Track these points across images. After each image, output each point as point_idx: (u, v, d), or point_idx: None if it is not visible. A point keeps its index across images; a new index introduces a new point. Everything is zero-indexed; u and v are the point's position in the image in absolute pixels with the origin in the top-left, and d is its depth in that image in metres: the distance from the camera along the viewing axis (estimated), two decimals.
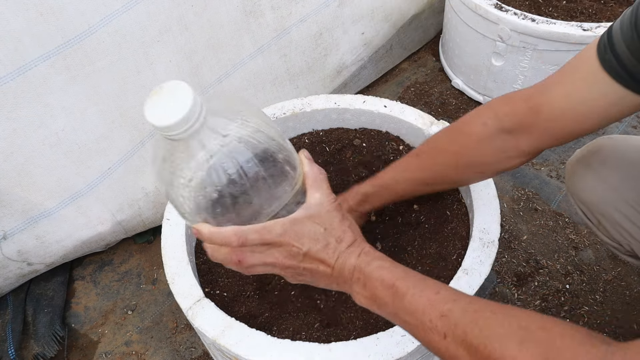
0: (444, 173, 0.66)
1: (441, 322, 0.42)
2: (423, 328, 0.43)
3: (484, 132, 0.59)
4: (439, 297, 0.44)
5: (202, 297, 0.66)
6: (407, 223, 0.80)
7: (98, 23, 0.78)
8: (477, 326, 0.40)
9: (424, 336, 0.44)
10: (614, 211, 0.67)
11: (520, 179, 1.15)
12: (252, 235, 0.47)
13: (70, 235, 0.95)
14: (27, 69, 0.74)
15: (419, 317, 0.44)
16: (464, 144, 0.62)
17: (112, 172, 0.92)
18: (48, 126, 0.81)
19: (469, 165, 0.63)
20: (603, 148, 0.70)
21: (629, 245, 0.69)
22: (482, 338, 0.39)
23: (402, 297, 0.45)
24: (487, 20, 1.14)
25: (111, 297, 1.03)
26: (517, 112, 0.56)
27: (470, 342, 0.40)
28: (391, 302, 0.46)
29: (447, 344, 0.41)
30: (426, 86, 1.41)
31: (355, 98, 0.91)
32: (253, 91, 1.09)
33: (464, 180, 0.71)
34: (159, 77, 0.89)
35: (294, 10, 1.05)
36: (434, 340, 0.43)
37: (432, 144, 0.68)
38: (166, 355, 0.94)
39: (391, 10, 1.29)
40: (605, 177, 0.67)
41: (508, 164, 0.60)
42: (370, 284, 0.47)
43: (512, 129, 0.57)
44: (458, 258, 0.71)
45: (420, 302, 0.44)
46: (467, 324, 0.40)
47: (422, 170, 0.68)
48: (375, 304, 0.48)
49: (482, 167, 0.63)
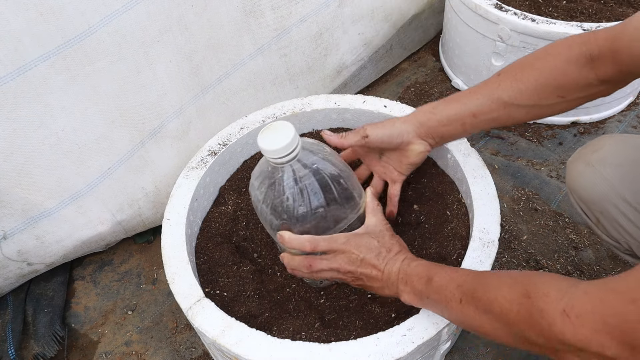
0: (523, 91, 0.63)
1: (458, 290, 0.53)
2: (445, 299, 0.54)
3: (569, 54, 0.60)
4: (457, 274, 0.55)
5: (202, 297, 0.66)
6: (407, 223, 0.80)
7: (98, 23, 0.78)
8: (481, 284, 0.51)
9: (446, 307, 0.54)
10: (612, 209, 0.68)
11: (520, 179, 1.15)
12: (322, 242, 0.63)
13: (70, 235, 0.95)
14: (27, 69, 0.74)
15: (442, 292, 0.55)
16: (550, 61, 0.62)
17: (112, 172, 0.92)
18: (48, 126, 0.81)
19: (550, 85, 0.62)
20: (604, 146, 0.70)
21: (627, 243, 0.69)
22: (483, 292, 0.50)
23: (431, 281, 0.56)
24: (487, 20, 1.14)
25: (111, 297, 1.03)
26: (598, 39, 0.58)
27: (477, 297, 0.50)
28: (425, 289, 0.57)
29: (462, 307, 0.52)
30: (426, 86, 1.41)
31: (355, 98, 0.91)
32: (253, 91, 1.10)
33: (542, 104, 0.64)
34: (159, 77, 0.89)
35: (294, 10, 1.05)
36: (453, 308, 0.53)
37: (516, 64, 0.65)
38: (166, 355, 0.94)
39: (391, 10, 1.29)
40: (605, 175, 0.68)
41: (590, 90, 0.61)
42: (410, 280, 0.58)
43: (593, 55, 0.58)
44: (458, 258, 0.71)
45: (444, 280, 0.55)
46: (475, 285, 0.51)
47: (501, 86, 0.64)
48: (416, 297, 0.59)
49: (563, 90, 0.61)
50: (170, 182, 0.99)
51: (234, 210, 0.84)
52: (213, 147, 0.86)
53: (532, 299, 0.44)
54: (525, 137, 1.24)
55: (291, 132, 0.57)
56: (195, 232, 0.81)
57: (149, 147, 0.95)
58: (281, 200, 0.61)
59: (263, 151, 0.57)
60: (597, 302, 0.39)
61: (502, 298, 0.47)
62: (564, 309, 0.40)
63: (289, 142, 0.56)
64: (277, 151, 0.56)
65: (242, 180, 0.88)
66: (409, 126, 0.70)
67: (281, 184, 0.60)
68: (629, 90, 1.23)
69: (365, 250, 0.62)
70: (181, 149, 1.00)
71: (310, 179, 0.61)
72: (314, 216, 0.62)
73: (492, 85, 0.65)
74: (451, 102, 0.68)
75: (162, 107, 0.93)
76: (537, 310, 0.43)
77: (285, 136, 0.56)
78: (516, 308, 0.45)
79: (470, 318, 0.51)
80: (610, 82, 0.60)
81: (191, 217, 0.78)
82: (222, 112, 1.05)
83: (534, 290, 0.44)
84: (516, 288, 0.46)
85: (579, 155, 0.73)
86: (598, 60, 0.58)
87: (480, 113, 0.66)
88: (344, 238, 0.63)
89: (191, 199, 0.78)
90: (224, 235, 0.81)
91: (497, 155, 1.20)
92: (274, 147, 0.56)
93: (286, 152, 0.57)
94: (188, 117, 0.98)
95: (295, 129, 0.58)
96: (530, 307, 0.44)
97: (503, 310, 0.47)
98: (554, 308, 0.41)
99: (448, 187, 0.82)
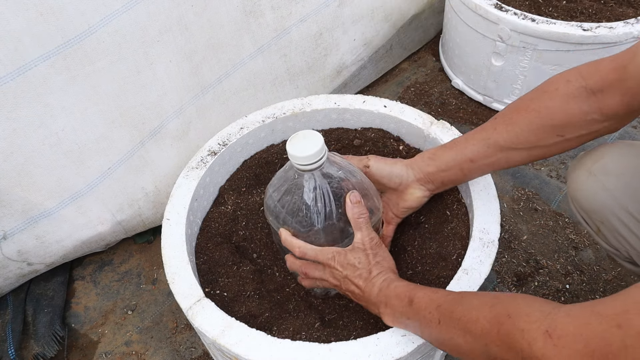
0: (519, 134, 0.62)
1: (437, 311, 0.52)
2: (425, 321, 0.53)
3: (567, 89, 0.58)
4: (437, 295, 0.54)
5: (202, 297, 0.66)
6: (407, 223, 0.80)
7: (98, 23, 0.78)
8: (461, 305, 0.50)
9: (427, 328, 0.53)
10: (614, 219, 0.67)
11: (520, 179, 1.15)
12: (310, 251, 0.64)
13: (70, 235, 0.95)
14: (27, 69, 0.74)
15: (422, 313, 0.54)
16: (546, 100, 0.60)
17: (112, 172, 0.92)
18: (48, 126, 0.81)
19: (550, 126, 0.60)
20: (605, 155, 0.68)
21: (627, 252, 0.69)
22: (463, 312, 0.49)
23: (411, 303, 0.55)
24: (487, 20, 1.14)
25: (111, 297, 1.03)
26: (601, 70, 0.56)
27: (455, 317, 0.49)
28: (405, 310, 0.56)
29: (440, 327, 0.51)
30: (426, 86, 1.41)
31: (355, 98, 0.91)
32: (253, 91, 1.10)
33: (541, 145, 0.62)
34: (159, 77, 0.89)
35: (294, 10, 1.05)
36: (432, 329, 0.52)
37: (512, 106, 0.64)
38: (166, 355, 0.94)
39: (391, 10, 1.29)
40: (607, 185, 0.67)
41: (592, 127, 0.59)
42: (390, 302, 0.58)
43: (596, 88, 0.56)
44: (458, 258, 0.71)
45: (424, 301, 0.54)
46: (454, 306, 0.50)
47: (497, 130, 0.64)
48: (397, 319, 0.58)
49: (562, 129, 0.60)
50: (170, 182, 0.99)
51: (234, 210, 0.84)
52: (213, 147, 0.86)
53: (514, 319, 0.43)
54: None
55: (320, 140, 0.59)
56: (195, 232, 0.81)
57: (149, 147, 0.95)
58: (301, 207, 0.63)
59: (293, 158, 0.60)
60: (581, 324, 0.37)
61: (483, 318, 0.46)
62: (547, 330, 0.39)
63: (318, 150, 0.59)
64: (306, 158, 0.59)
65: (242, 180, 0.88)
66: (410, 170, 0.71)
67: (305, 191, 0.62)
68: None
69: (349, 268, 0.62)
70: (181, 149, 1.00)
71: (332, 189, 0.63)
72: (331, 225, 0.64)
73: (489, 130, 0.65)
74: (449, 149, 0.69)
75: (162, 107, 0.93)
76: (518, 330, 0.42)
77: (314, 144, 0.59)
78: (496, 328, 0.44)
79: (448, 339, 0.50)
80: (616, 117, 0.57)
81: (191, 217, 0.78)
82: (222, 112, 1.05)
83: (515, 310, 0.44)
84: (497, 308, 0.46)
85: (580, 163, 0.71)
86: (602, 92, 0.56)
87: (477, 158, 0.66)
88: (330, 254, 0.63)
89: (191, 199, 0.78)
90: (224, 235, 0.81)
91: None
92: (303, 154, 0.58)
93: (314, 160, 0.59)
94: (188, 117, 0.98)
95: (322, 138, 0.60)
96: (511, 327, 0.43)
97: (484, 331, 0.46)
98: (537, 328, 0.40)
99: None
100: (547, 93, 0.60)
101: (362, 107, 0.89)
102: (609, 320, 0.35)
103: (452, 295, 0.53)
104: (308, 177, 0.62)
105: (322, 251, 0.64)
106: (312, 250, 0.64)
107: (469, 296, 0.51)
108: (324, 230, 0.64)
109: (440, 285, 0.68)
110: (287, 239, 0.65)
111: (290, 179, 0.64)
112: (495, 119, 0.65)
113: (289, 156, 0.60)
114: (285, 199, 0.65)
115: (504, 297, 0.47)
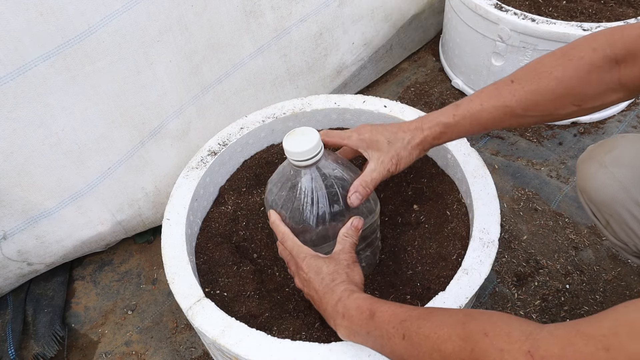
0: (539, 102, 0.59)
1: (401, 326, 0.49)
2: (388, 336, 0.50)
3: (592, 58, 0.55)
4: (401, 310, 0.51)
5: (202, 297, 0.66)
6: (407, 223, 0.80)
7: (98, 23, 0.78)
8: (430, 321, 0.47)
9: (388, 343, 0.50)
10: (624, 213, 0.66)
11: (520, 179, 1.15)
12: (289, 242, 0.64)
13: (70, 235, 0.95)
14: (27, 69, 0.74)
15: (384, 327, 0.50)
16: (570, 69, 0.57)
17: (112, 172, 0.92)
18: (48, 126, 0.81)
19: (569, 95, 0.58)
20: (618, 146, 0.67)
21: (635, 246, 0.68)
22: (432, 329, 0.46)
23: (373, 316, 0.52)
24: (487, 20, 1.14)
25: (111, 297, 1.03)
26: (625, 38, 0.54)
27: (423, 334, 0.46)
28: (365, 324, 0.53)
29: (405, 344, 0.48)
30: (426, 86, 1.41)
31: (355, 98, 0.91)
32: (253, 91, 1.10)
33: (556, 113, 0.61)
34: (159, 77, 0.89)
35: (294, 10, 1.05)
36: (396, 344, 0.49)
37: (531, 68, 0.61)
38: (166, 355, 0.93)
39: (391, 10, 1.29)
40: (619, 177, 0.65)
41: (607, 98, 0.57)
42: (349, 314, 0.55)
43: (620, 57, 0.54)
44: (458, 258, 0.71)
45: (386, 315, 0.51)
46: (421, 322, 0.47)
47: (516, 99, 0.60)
48: (353, 332, 0.55)
49: (581, 99, 0.58)
50: (170, 182, 0.99)
51: (234, 210, 0.84)
52: (213, 147, 0.86)
53: (491, 338, 0.40)
54: (525, 137, 1.24)
55: (315, 137, 0.60)
56: (195, 232, 0.81)
57: (149, 147, 0.95)
58: (296, 203, 0.63)
59: (288, 153, 0.60)
60: (566, 345, 0.35)
61: (455, 336, 0.43)
62: (529, 350, 0.37)
63: (313, 146, 0.59)
64: (301, 154, 0.59)
65: (242, 180, 0.88)
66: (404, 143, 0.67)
67: (299, 187, 0.63)
68: None
69: (313, 271, 0.60)
70: (181, 149, 1.00)
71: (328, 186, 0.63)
72: (323, 222, 0.64)
73: (506, 95, 0.60)
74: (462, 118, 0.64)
75: (162, 107, 0.93)
76: (496, 350, 0.39)
77: (310, 140, 0.60)
78: (471, 346, 0.41)
79: (413, 356, 0.47)
80: (631, 88, 0.56)
81: (191, 217, 0.78)
82: (222, 112, 1.05)
83: (493, 329, 0.41)
84: (472, 325, 0.43)
85: (591, 154, 0.70)
86: (625, 62, 0.54)
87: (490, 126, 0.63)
88: (304, 253, 0.62)
89: (191, 199, 0.78)
90: (224, 235, 0.81)
91: (497, 155, 1.20)
92: (298, 150, 0.59)
93: (310, 156, 0.60)
94: (188, 117, 0.98)
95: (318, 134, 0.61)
96: (488, 346, 0.40)
97: (455, 349, 0.42)
98: (517, 349, 0.37)
99: (448, 187, 0.82)
100: (572, 61, 0.57)
101: (362, 107, 0.89)
102: (596, 342, 0.33)
103: (419, 310, 0.50)
104: (304, 173, 0.62)
105: (298, 248, 0.63)
106: (291, 242, 0.64)
107: (439, 312, 0.48)
108: (317, 227, 0.64)
109: (440, 285, 0.68)
110: (275, 222, 0.65)
111: (287, 174, 0.65)
112: (512, 82, 0.61)
113: (285, 152, 0.61)
114: (281, 194, 0.65)
115: (479, 315, 0.44)
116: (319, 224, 0.64)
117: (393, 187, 0.85)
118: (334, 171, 0.64)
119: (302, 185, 0.63)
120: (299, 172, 0.63)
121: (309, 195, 0.63)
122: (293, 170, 0.63)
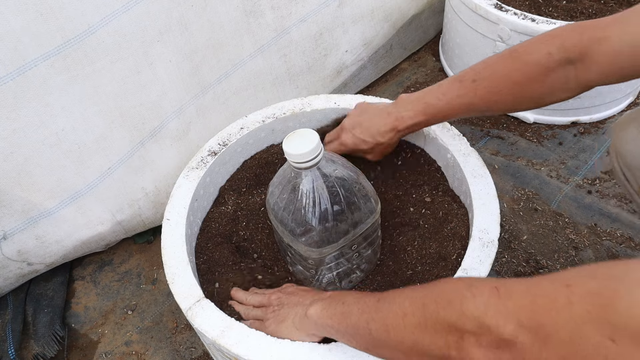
0: (501, 101, 0.65)
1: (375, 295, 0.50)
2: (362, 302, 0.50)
3: (549, 63, 0.58)
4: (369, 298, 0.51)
5: (202, 297, 0.66)
6: (407, 223, 0.80)
7: (98, 23, 0.78)
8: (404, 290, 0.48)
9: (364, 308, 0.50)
10: None
11: (520, 179, 1.15)
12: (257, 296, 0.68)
13: (70, 235, 0.95)
14: (27, 69, 0.74)
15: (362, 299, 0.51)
16: (528, 74, 0.60)
17: (112, 172, 0.92)
18: (48, 126, 0.81)
19: (528, 96, 0.62)
20: None
21: None
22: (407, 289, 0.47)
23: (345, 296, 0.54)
24: (487, 20, 1.14)
25: (111, 297, 1.03)
26: (583, 41, 0.55)
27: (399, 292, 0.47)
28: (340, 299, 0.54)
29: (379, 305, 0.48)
30: (426, 86, 1.40)
31: (355, 98, 0.91)
32: (253, 91, 1.10)
33: (516, 109, 0.69)
34: (159, 77, 0.89)
35: (294, 10, 1.05)
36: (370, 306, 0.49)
37: (491, 70, 0.65)
38: (166, 355, 0.94)
39: (391, 10, 1.29)
40: None
41: (564, 95, 0.60)
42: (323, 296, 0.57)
43: (576, 58, 0.56)
44: (458, 258, 0.71)
45: (359, 294, 0.53)
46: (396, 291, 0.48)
47: (479, 97, 0.66)
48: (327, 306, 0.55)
49: (540, 98, 0.62)
50: (170, 182, 0.99)
51: (234, 211, 0.84)
52: (213, 147, 0.86)
53: (464, 279, 0.42)
54: (525, 137, 1.24)
55: (315, 138, 0.60)
56: (195, 232, 0.81)
57: (149, 147, 0.95)
58: (297, 205, 0.64)
59: (288, 155, 0.60)
60: (532, 284, 0.37)
61: (427, 285, 0.45)
62: (496, 286, 0.38)
63: (313, 147, 0.59)
64: (301, 156, 0.60)
65: (242, 180, 0.88)
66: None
67: (301, 189, 0.63)
68: (629, 90, 1.23)
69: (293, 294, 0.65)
70: (181, 149, 1.00)
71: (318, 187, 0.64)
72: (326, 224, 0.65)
73: (470, 95, 0.66)
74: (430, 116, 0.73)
75: (162, 107, 0.93)
76: (465, 285, 0.40)
77: (309, 142, 0.60)
78: (441, 286, 0.43)
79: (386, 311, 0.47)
80: (590, 85, 0.58)
81: (191, 217, 0.78)
82: (222, 112, 1.05)
83: (466, 278, 0.43)
84: (445, 280, 0.45)
85: (630, 118, 0.69)
86: (582, 62, 0.56)
87: (455, 118, 0.72)
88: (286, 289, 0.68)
89: (191, 199, 0.78)
90: (224, 235, 0.81)
91: (497, 155, 1.20)
92: (298, 152, 0.59)
93: (311, 157, 0.60)
94: (188, 117, 0.98)
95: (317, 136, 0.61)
96: (459, 282, 0.41)
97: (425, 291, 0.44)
98: (486, 284, 0.39)
99: (448, 187, 0.82)
100: (527, 65, 0.60)
101: None
102: (560, 280, 0.35)
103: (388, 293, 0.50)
104: (305, 175, 0.62)
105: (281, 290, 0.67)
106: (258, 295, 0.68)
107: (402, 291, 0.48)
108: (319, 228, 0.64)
109: None
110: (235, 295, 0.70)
111: (288, 176, 0.65)
112: (474, 81, 0.66)
113: (285, 154, 0.61)
114: (283, 196, 0.65)
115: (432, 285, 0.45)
116: (321, 225, 0.64)
117: (393, 187, 0.85)
118: (334, 171, 0.64)
119: (304, 187, 0.63)
120: (299, 173, 0.63)
121: (310, 196, 0.63)
122: (294, 172, 0.63)
